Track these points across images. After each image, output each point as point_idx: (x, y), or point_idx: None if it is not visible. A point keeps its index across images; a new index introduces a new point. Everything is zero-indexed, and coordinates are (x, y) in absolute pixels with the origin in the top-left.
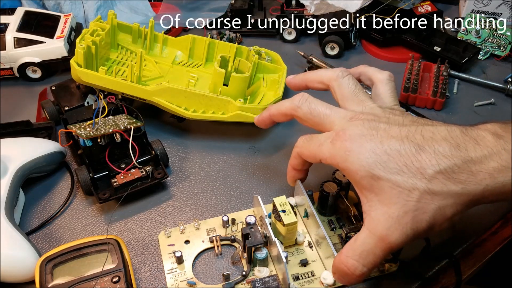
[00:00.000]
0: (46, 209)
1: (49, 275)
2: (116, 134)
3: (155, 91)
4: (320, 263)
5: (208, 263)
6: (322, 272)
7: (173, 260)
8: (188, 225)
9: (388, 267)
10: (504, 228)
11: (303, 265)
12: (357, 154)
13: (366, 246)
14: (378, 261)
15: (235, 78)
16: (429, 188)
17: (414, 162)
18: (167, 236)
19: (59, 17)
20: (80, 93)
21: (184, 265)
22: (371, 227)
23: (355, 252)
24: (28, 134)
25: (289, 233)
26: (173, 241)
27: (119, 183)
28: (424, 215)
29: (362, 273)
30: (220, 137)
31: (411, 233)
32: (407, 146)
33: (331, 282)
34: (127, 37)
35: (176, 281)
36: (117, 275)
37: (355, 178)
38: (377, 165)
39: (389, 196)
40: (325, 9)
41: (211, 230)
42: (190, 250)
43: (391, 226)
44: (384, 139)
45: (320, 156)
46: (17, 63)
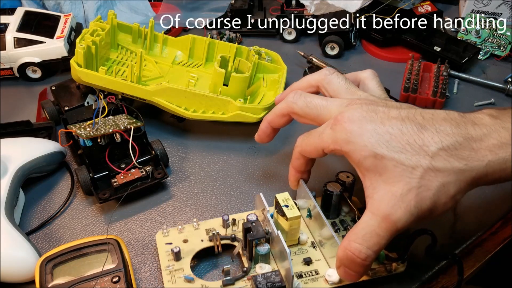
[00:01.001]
0: (46, 209)
1: (49, 275)
2: (116, 134)
3: (155, 91)
4: (324, 262)
5: (207, 261)
6: (327, 270)
7: (170, 257)
8: (187, 225)
9: (395, 266)
10: (504, 228)
11: (306, 263)
12: (359, 134)
13: (369, 228)
14: (382, 242)
15: (235, 78)
16: (433, 165)
17: (416, 140)
18: (165, 235)
19: (59, 17)
20: (80, 93)
21: (182, 262)
22: (374, 208)
23: (358, 235)
24: (28, 134)
25: (292, 228)
26: (170, 240)
27: (119, 183)
28: (428, 192)
29: (367, 256)
30: (220, 137)
31: (415, 211)
32: (408, 126)
33: (336, 280)
34: (127, 37)
35: (173, 277)
36: (117, 275)
37: (358, 159)
38: (380, 144)
39: (392, 175)
40: (325, 9)
41: (210, 230)
42: (189, 249)
43: (395, 204)
44: (384, 120)
45: (322, 145)
46: (17, 63)
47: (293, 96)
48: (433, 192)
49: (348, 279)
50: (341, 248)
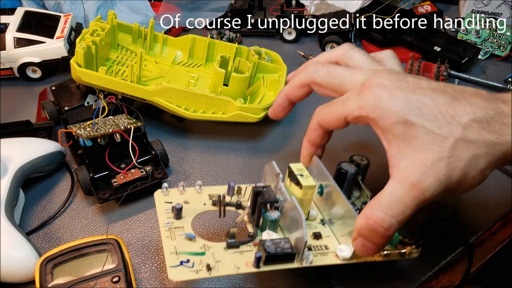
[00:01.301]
0: (46, 209)
1: (49, 275)
2: (116, 134)
3: (155, 91)
4: (335, 239)
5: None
6: (338, 246)
7: (170, 215)
8: (189, 187)
9: (409, 250)
10: (504, 228)
11: (316, 237)
12: (388, 100)
13: (395, 196)
14: (408, 212)
15: (235, 78)
16: (465, 136)
17: (448, 110)
18: (165, 194)
19: (59, 17)
20: (80, 93)
21: (183, 221)
22: (401, 176)
23: (381, 203)
24: (28, 134)
25: (305, 199)
26: (170, 200)
27: (119, 183)
28: (459, 163)
29: (391, 226)
30: (220, 137)
31: (445, 181)
32: (440, 96)
33: (348, 255)
34: (127, 37)
35: (172, 233)
36: (117, 275)
37: (386, 126)
38: (411, 111)
39: (422, 143)
40: (325, 9)
41: (214, 196)
42: (190, 210)
43: (425, 172)
44: (415, 89)
45: (347, 112)
46: (17, 63)
47: (315, 66)
48: (464, 163)
49: (364, 253)
50: (362, 217)
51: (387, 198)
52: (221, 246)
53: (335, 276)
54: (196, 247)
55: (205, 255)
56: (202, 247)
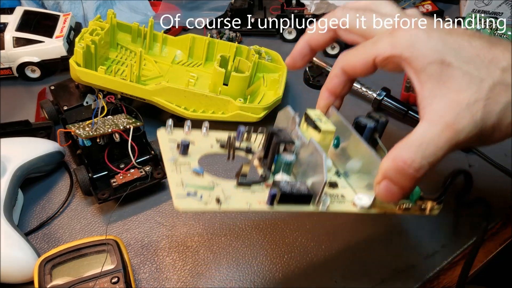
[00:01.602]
0: (45, 209)
1: (48, 275)
2: (115, 134)
3: (155, 90)
4: (351, 191)
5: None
6: (356, 194)
7: (175, 152)
8: (195, 130)
9: (431, 205)
10: (505, 229)
11: (331, 186)
12: (425, 39)
13: (427, 137)
14: (440, 155)
15: (235, 78)
16: (503, 79)
17: (486, 54)
18: (169, 133)
19: (58, 17)
20: (79, 93)
21: (189, 158)
22: (434, 117)
23: (412, 144)
24: (27, 134)
25: (323, 144)
26: (175, 139)
27: (118, 183)
28: (496, 106)
29: (421, 167)
30: None
31: (480, 124)
32: (477, 40)
33: (367, 204)
34: (127, 36)
35: (178, 167)
36: (116, 275)
37: (421, 65)
38: (448, 51)
39: (459, 84)
40: (325, 8)
41: (221, 140)
42: (196, 152)
43: (460, 113)
44: (452, 32)
45: (376, 53)
46: (16, 62)
47: (342, 10)
48: (501, 108)
49: (388, 198)
50: (388, 159)
51: (418, 138)
52: (231, 184)
53: (338, 276)
54: (204, 182)
55: (214, 190)
56: (210, 182)
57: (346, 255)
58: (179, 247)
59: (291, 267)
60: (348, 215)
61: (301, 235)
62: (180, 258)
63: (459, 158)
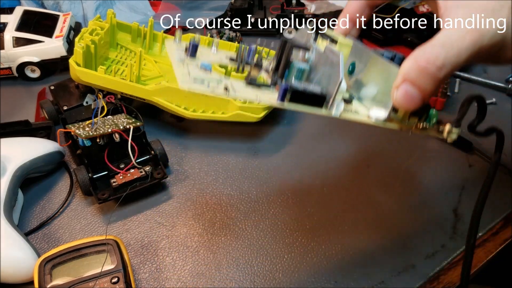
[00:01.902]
0: (45, 209)
1: (48, 275)
2: (115, 134)
3: (155, 90)
4: (365, 108)
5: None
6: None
7: (183, 55)
8: (204, 47)
9: (448, 128)
10: (505, 229)
11: (346, 102)
12: None
13: (451, 38)
14: (463, 57)
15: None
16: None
17: None
18: (177, 44)
19: (58, 16)
20: (79, 93)
21: (197, 60)
22: (459, 21)
23: (436, 44)
24: (27, 134)
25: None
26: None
27: (118, 183)
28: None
29: (443, 65)
30: (220, 137)
31: (504, 30)
32: None
33: (382, 116)
34: (127, 36)
35: (185, 65)
36: (116, 275)
37: None
38: None
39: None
40: (325, 8)
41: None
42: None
43: (485, 16)
44: None
45: None
46: (16, 62)
47: None
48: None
49: (406, 103)
50: (410, 60)
51: (442, 39)
52: (241, 83)
53: (338, 276)
54: (212, 77)
55: (222, 83)
56: (219, 79)
57: (346, 255)
58: (179, 247)
59: (291, 267)
60: (351, 213)
61: (301, 235)
62: (180, 258)
63: (459, 158)
